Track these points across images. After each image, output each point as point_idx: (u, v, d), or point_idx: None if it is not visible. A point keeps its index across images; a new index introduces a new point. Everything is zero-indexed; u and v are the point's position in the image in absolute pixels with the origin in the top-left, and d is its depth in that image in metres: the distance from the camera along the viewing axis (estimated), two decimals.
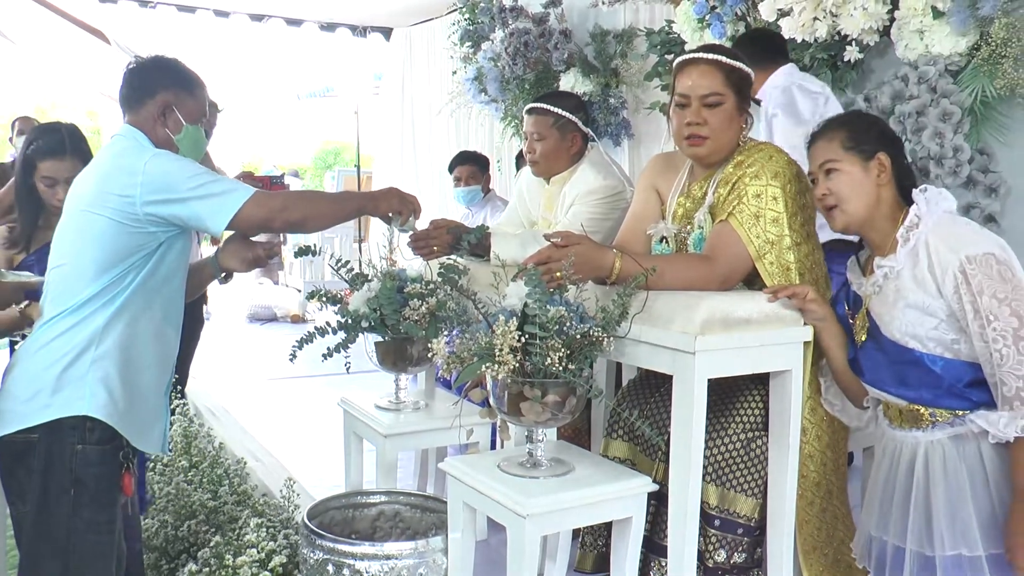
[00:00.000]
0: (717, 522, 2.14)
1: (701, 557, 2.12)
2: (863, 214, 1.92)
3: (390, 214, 2.33)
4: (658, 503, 2.17)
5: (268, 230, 2.29)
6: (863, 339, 1.96)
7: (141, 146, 2.12)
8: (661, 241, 2.34)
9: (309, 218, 2.18)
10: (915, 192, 1.89)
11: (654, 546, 2.20)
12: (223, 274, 2.48)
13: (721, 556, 2.13)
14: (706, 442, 2.05)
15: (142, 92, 2.17)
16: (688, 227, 2.30)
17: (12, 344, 2.67)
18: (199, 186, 2.04)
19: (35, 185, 2.66)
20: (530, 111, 3.10)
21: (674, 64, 2.28)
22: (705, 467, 2.08)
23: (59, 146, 2.62)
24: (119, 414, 2.03)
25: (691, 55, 2.24)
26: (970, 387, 1.80)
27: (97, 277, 2.03)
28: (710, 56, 2.20)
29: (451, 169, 5.06)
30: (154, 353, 2.16)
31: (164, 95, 2.17)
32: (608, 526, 2.18)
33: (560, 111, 3.03)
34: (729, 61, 2.19)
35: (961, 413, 1.81)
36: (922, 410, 1.85)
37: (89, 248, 2.04)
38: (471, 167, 4.93)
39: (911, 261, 1.84)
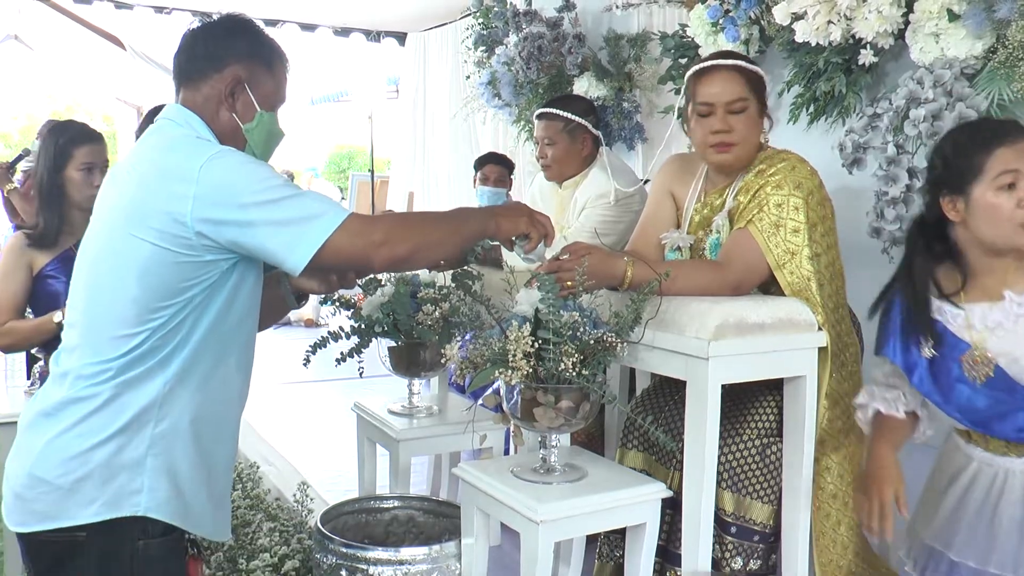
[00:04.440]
0: (734, 529, 2.13)
1: (717, 564, 2.11)
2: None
3: (514, 238, 1.82)
4: (674, 512, 2.15)
5: (366, 270, 1.83)
6: (981, 381, 1.72)
7: (198, 139, 1.62)
8: (675, 250, 2.33)
9: (420, 250, 1.64)
10: None
11: (670, 555, 2.19)
12: (298, 299, 1.98)
13: (738, 563, 2.12)
14: (721, 448, 2.04)
15: (207, 62, 1.67)
16: (704, 234, 2.28)
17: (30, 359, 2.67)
18: (272, 204, 1.52)
19: (62, 182, 2.67)
20: (540, 116, 3.10)
21: (690, 74, 2.25)
22: (720, 473, 2.07)
23: (92, 131, 2.66)
24: (186, 507, 1.61)
25: (709, 63, 2.22)
26: None
27: (142, 323, 1.53)
28: (730, 62, 2.19)
29: (478, 167, 5.04)
30: (231, 420, 1.72)
31: (236, 68, 1.67)
32: (624, 536, 2.17)
33: (570, 115, 3.03)
34: (748, 66, 2.19)
35: None
36: None
37: (129, 283, 1.54)
38: (501, 168, 4.92)
39: None
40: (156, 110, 4.65)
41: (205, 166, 1.51)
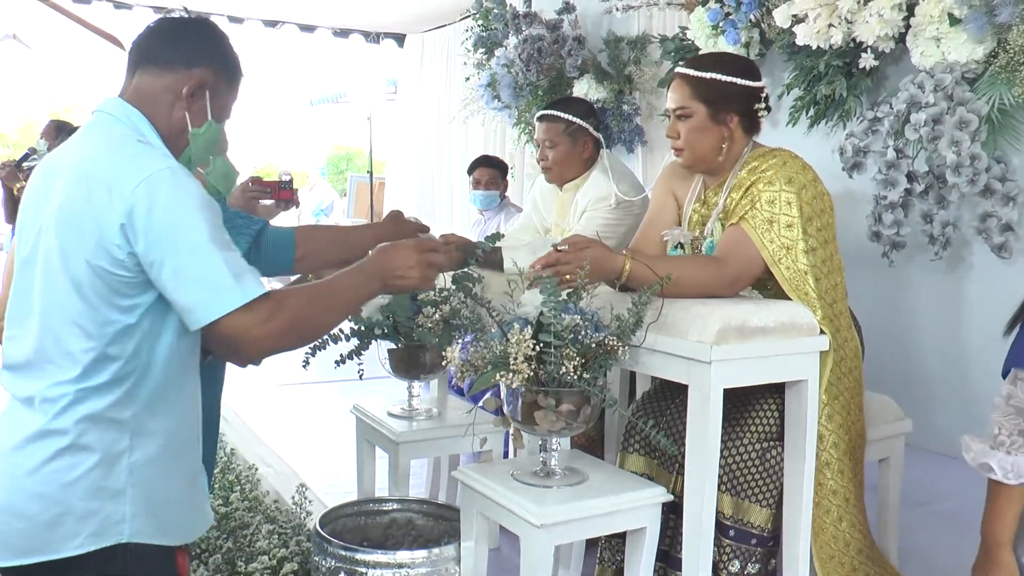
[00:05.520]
0: (732, 532, 2.12)
1: (715, 567, 2.11)
2: None
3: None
4: (677, 517, 2.15)
5: (243, 356, 1.59)
6: None
7: (140, 143, 1.53)
8: (677, 247, 2.34)
9: (309, 339, 1.62)
10: None
11: (671, 560, 2.19)
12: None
13: (735, 567, 2.12)
14: (721, 451, 2.03)
15: (179, 54, 1.62)
16: (701, 234, 2.30)
17: None
18: (190, 253, 1.43)
19: None
20: (541, 118, 3.10)
21: None
22: (720, 476, 2.07)
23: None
24: (170, 523, 1.57)
25: (676, 69, 2.34)
26: None
27: (91, 338, 1.45)
28: (679, 71, 2.28)
29: (471, 171, 5.05)
30: (202, 424, 1.68)
31: (205, 71, 1.63)
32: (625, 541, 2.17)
33: (571, 117, 3.03)
34: (696, 74, 2.23)
35: None
36: None
37: (71, 295, 1.46)
38: (492, 171, 4.92)
39: None
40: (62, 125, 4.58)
41: (145, 184, 1.42)
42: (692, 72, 2.24)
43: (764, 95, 2.26)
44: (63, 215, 1.46)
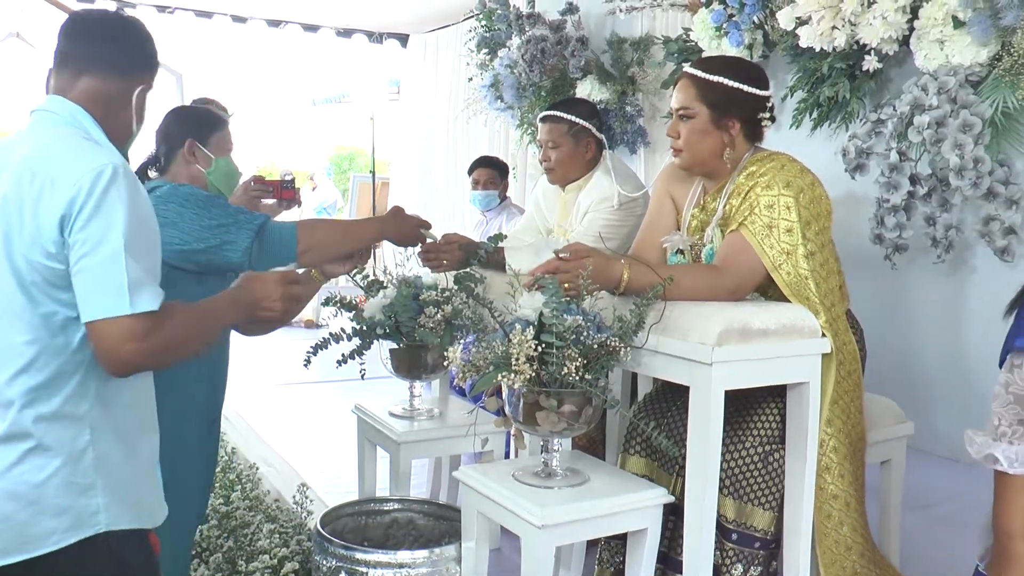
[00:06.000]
0: (735, 536, 2.12)
1: (718, 571, 2.10)
2: None
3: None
4: (676, 519, 2.15)
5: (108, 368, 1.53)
6: None
7: (87, 141, 1.56)
8: (677, 253, 2.33)
9: (188, 354, 1.61)
10: None
11: (671, 562, 2.19)
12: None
13: (738, 570, 2.11)
14: (723, 455, 2.03)
15: (126, 61, 1.65)
16: (700, 241, 2.30)
17: None
18: (113, 254, 1.45)
19: None
20: (544, 119, 3.09)
21: None
22: (722, 480, 2.07)
23: None
24: (143, 508, 1.61)
25: (683, 69, 2.32)
26: None
27: (34, 330, 1.48)
28: (687, 71, 2.27)
29: (470, 171, 5.05)
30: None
31: (147, 75, 1.69)
32: (625, 542, 2.17)
33: (574, 118, 3.02)
34: (703, 76, 2.21)
35: None
36: None
37: (15, 294, 1.48)
38: (490, 171, 4.92)
39: None
40: None
41: (88, 176, 1.44)
42: (700, 73, 2.22)
43: (770, 105, 2.24)
44: (6, 208, 1.48)
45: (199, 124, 2.33)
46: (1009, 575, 1.62)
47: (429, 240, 2.59)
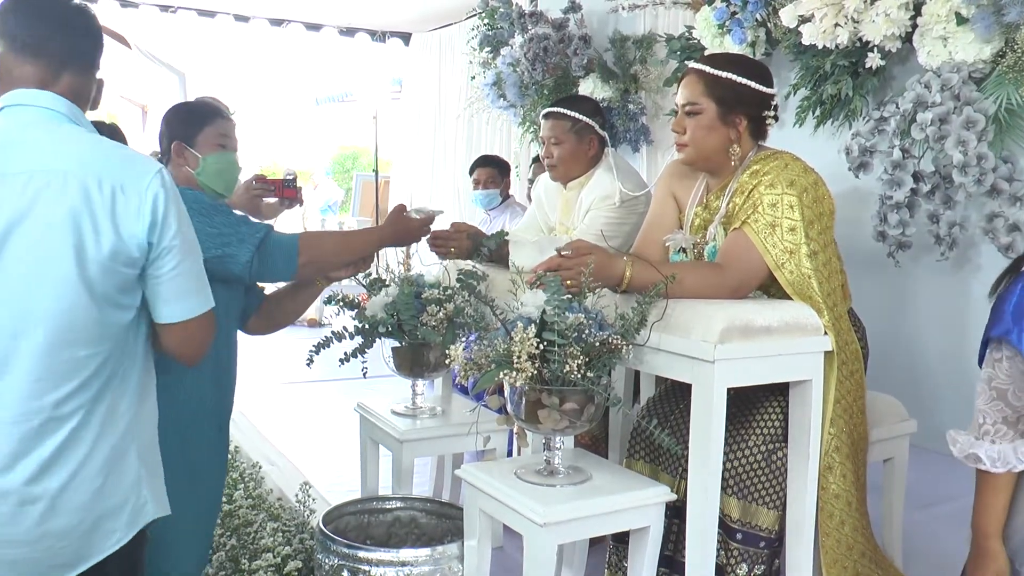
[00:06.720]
0: (739, 535, 2.12)
1: (722, 570, 2.10)
2: None
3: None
4: (680, 522, 2.14)
5: None
6: None
7: (120, 145, 1.60)
8: (679, 252, 2.33)
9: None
10: None
11: (676, 565, 2.18)
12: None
13: (743, 570, 2.11)
14: (726, 454, 2.03)
15: (94, 54, 1.62)
16: (703, 239, 2.29)
17: None
18: (198, 254, 1.62)
19: None
20: (547, 115, 3.09)
21: None
22: (726, 479, 2.06)
23: (114, 127, 2.70)
24: (165, 496, 1.66)
25: (688, 65, 2.32)
26: None
27: (95, 340, 1.49)
28: (694, 66, 2.26)
29: (471, 171, 5.06)
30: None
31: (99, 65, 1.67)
32: None
33: (577, 115, 3.02)
34: (712, 71, 2.21)
35: None
36: None
37: (83, 299, 1.47)
38: (490, 170, 4.92)
39: None
40: None
41: (157, 178, 1.49)
42: (707, 69, 2.22)
43: (775, 103, 2.24)
44: (76, 219, 1.42)
45: (185, 123, 2.28)
46: (983, 573, 1.63)
47: (436, 227, 2.61)
